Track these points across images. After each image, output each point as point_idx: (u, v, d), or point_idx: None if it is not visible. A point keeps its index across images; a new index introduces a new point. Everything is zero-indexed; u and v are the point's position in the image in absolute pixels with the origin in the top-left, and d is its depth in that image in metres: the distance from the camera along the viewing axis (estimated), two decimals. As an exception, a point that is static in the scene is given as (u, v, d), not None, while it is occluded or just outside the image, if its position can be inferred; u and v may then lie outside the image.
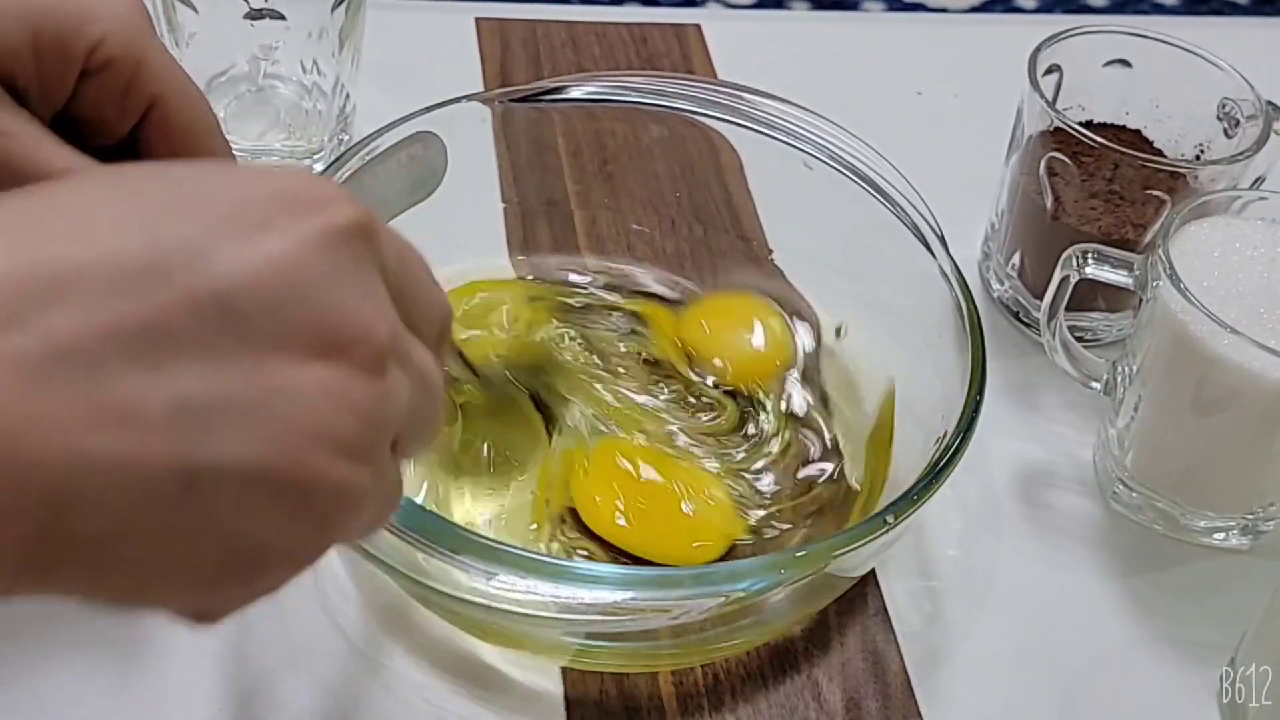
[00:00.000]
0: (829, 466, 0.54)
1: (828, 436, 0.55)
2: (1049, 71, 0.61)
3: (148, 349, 0.24)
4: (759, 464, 0.53)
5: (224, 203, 0.26)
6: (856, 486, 0.53)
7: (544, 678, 0.48)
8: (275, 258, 0.25)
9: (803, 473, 0.53)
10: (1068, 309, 0.54)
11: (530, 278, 0.59)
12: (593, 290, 0.59)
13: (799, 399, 0.56)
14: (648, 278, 0.60)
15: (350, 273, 0.27)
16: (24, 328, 0.23)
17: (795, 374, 0.57)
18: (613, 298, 0.59)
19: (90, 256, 0.24)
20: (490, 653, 0.48)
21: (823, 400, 0.56)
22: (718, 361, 0.56)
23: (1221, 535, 0.54)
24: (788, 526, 0.51)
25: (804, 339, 0.58)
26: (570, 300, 0.58)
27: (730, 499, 0.51)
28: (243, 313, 0.25)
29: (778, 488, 0.52)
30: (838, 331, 0.58)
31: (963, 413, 0.47)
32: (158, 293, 0.24)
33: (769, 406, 0.55)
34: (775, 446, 0.54)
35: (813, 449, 0.54)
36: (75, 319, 0.23)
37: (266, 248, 0.25)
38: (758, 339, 0.58)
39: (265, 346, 0.25)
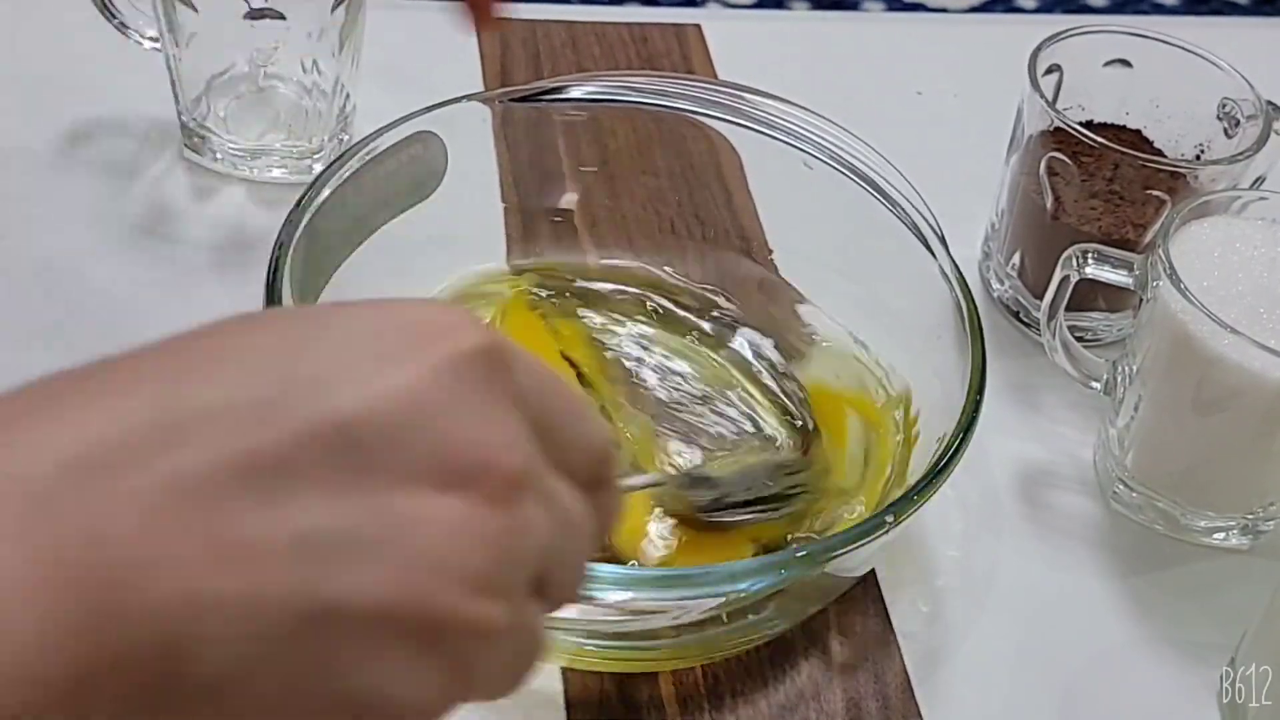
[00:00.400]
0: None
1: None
2: (1049, 71, 0.61)
3: (267, 484, 0.23)
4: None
5: (351, 337, 0.25)
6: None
7: (544, 678, 0.47)
8: (397, 387, 0.25)
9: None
10: (1068, 309, 0.54)
11: (530, 278, 0.59)
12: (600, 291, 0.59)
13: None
14: (648, 278, 0.60)
15: (477, 400, 0.26)
16: (145, 468, 0.23)
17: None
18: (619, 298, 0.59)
19: (215, 396, 0.24)
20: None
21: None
22: None
23: (1221, 535, 0.54)
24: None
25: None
26: (586, 317, 0.58)
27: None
28: (363, 444, 0.24)
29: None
30: None
31: (963, 413, 0.47)
32: (278, 426, 0.24)
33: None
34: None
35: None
36: (194, 457, 0.23)
37: (389, 377, 0.25)
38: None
39: (387, 478, 0.24)
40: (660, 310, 0.59)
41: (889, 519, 0.43)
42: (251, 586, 0.23)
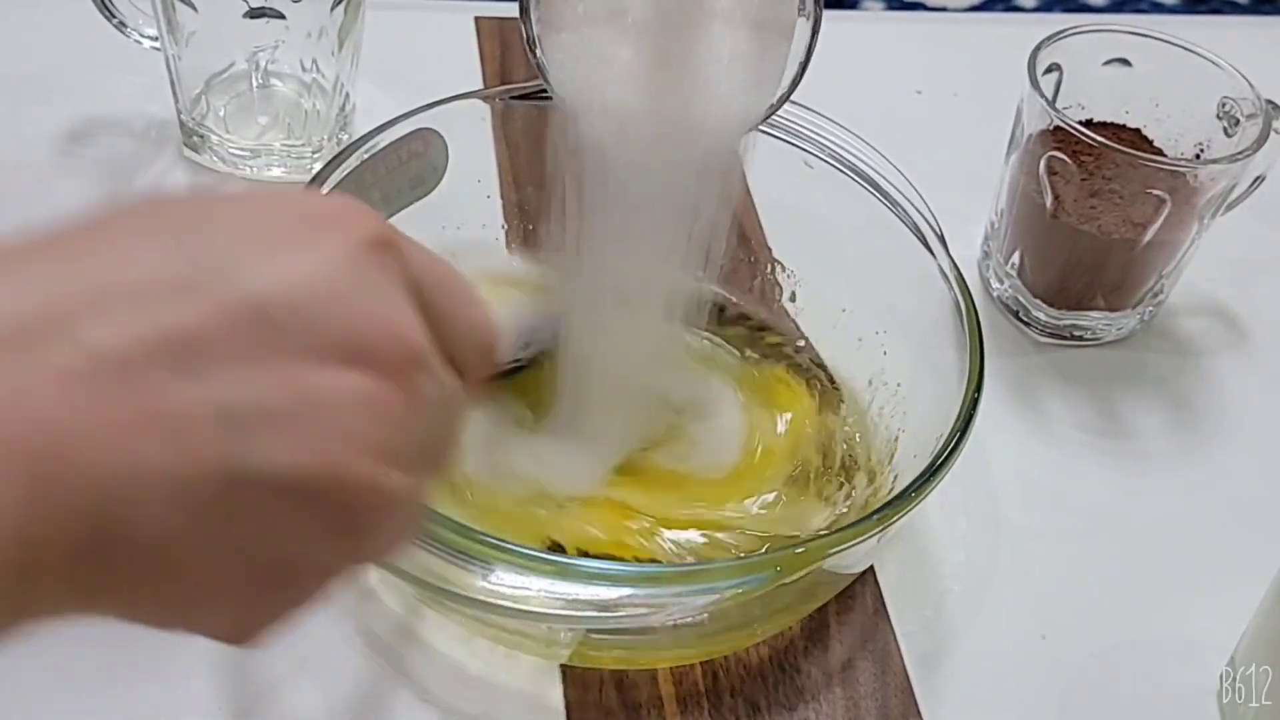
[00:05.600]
0: None
1: None
2: (1049, 70, 0.61)
3: (189, 358, 0.24)
4: None
5: (252, 222, 0.27)
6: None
7: (544, 677, 0.47)
8: (302, 270, 0.26)
9: None
10: (1068, 308, 0.54)
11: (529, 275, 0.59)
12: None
13: None
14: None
15: (374, 283, 0.27)
16: (66, 341, 0.23)
17: None
18: None
19: (127, 274, 0.25)
20: (490, 651, 0.48)
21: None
22: None
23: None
24: None
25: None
26: None
27: None
28: (275, 322, 0.25)
29: None
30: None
31: (960, 411, 0.47)
32: (194, 304, 0.25)
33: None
34: None
35: None
36: (116, 330, 0.24)
37: (293, 261, 0.26)
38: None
39: (298, 355, 0.26)
40: None
41: (885, 516, 0.43)
42: (178, 455, 0.24)
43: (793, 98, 0.56)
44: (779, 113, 0.57)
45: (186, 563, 0.25)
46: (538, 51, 0.46)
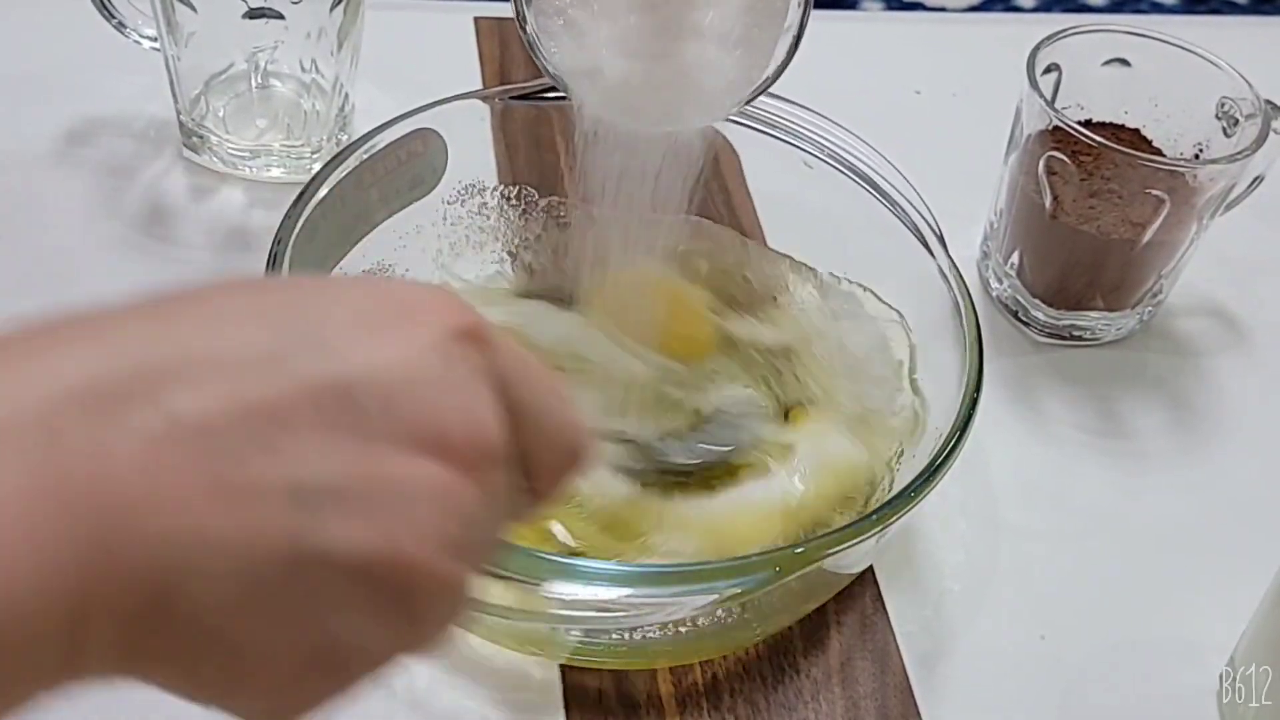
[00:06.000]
0: None
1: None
2: (1048, 70, 0.61)
3: (268, 432, 0.24)
4: None
5: (347, 306, 0.27)
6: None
7: (543, 676, 0.47)
8: (390, 356, 0.26)
9: None
10: (1067, 309, 0.54)
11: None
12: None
13: None
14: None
15: (462, 375, 0.27)
16: (150, 405, 0.23)
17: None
18: None
19: (218, 346, 0.25)
20: (489, 651, 0.48)
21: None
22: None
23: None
24: None
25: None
26: None
27: None
28: (359, 405, 0.25)
29: None
30: None
31: (959, 411, 0.47)
32: (281, 379, 0.25)
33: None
34: None
35: None
36: (200, 399, 0.24)
37: (382, 346, 0.26)
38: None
39: (378, 439, 0.25)
40: None
41: (884, 516, 0.43)
42: (247, 527, 0.24)
43: (792, 98, 0.56)
44: (779, 113, 0.57)
45: (239, 639, 0.25)
46: (529, 27, 0.47)
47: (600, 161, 0.48)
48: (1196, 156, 0.61)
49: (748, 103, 0.50)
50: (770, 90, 0.57)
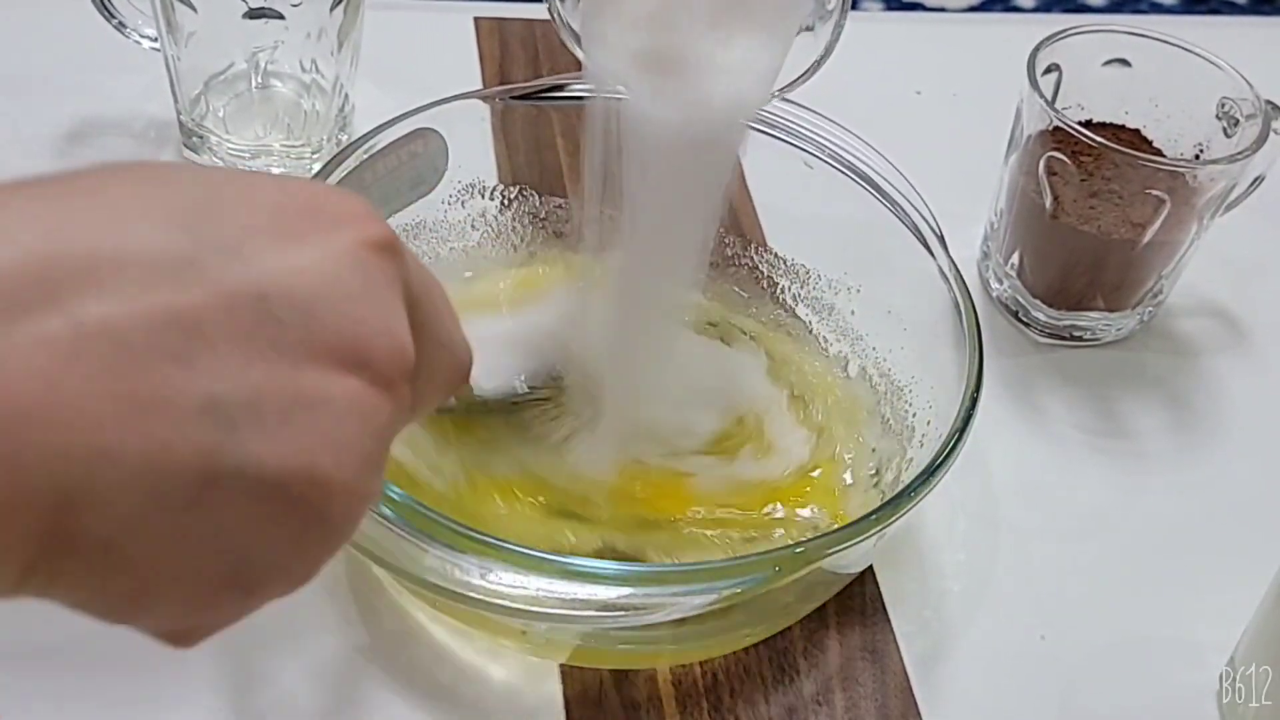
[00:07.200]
0: None
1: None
2: (1048, 71, 0.61)
3: (182, 343, 0.23)
4: None
5: (260, 209, 0.26)
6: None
7: (543, 676, 0.47)
8: (308, 265, 0.25)
9: None
10: (1067, 309, 0.54)
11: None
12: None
13: None
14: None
15: (378, 288, 0.27)
16: (55, 309, 0.22)
17: None
18: None
19: (127, 246, 0.23)
20: (489, 650, 0.48)
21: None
22: None
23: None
24: None
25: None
26: None
27: None
28: (276, 316, 0.24)
29: None
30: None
31: (959, 411, 0.47)
32: (194, 287, 0.23)
33: None
34: None
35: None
36: (109, 305, 0.22)
37: (300, 254, 0.25)
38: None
39: (297, 352, 0.25)
40: None
41: (884, 516, 0.43)
42: (155, 444, 0.23)
43: (792, 98, 0.56)
44: (779, 113, 0.57)
45: (149, 556, 0.23)
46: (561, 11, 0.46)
47: (629, 164, 0.46)
48: (1197, 157, 0.61)
49: (783, 95, 0.49)
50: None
